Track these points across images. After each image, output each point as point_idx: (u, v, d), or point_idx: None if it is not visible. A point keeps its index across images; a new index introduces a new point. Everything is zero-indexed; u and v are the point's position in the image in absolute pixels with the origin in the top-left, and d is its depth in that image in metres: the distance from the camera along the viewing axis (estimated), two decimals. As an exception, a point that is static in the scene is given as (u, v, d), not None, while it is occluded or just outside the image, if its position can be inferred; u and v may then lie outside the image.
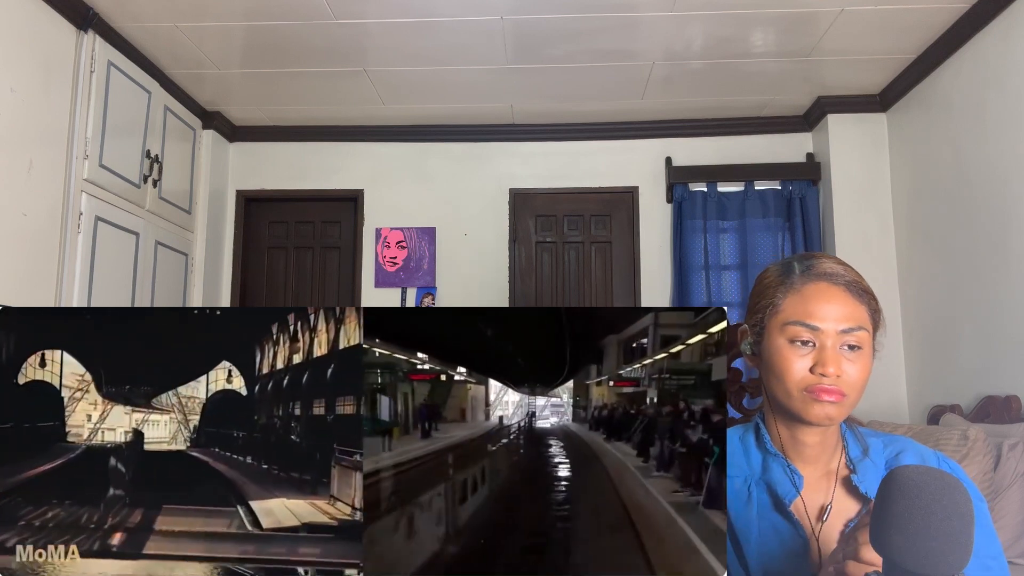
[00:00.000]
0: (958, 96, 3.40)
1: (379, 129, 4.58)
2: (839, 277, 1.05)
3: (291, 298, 4.61)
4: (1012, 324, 2.99)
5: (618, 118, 4.46)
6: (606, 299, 4.48)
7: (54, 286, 3.11)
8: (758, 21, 3.31)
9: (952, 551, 0.77)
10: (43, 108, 3.04)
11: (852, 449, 1.10)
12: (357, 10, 3.23)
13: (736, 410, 1.31)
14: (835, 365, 1.01)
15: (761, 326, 1.08)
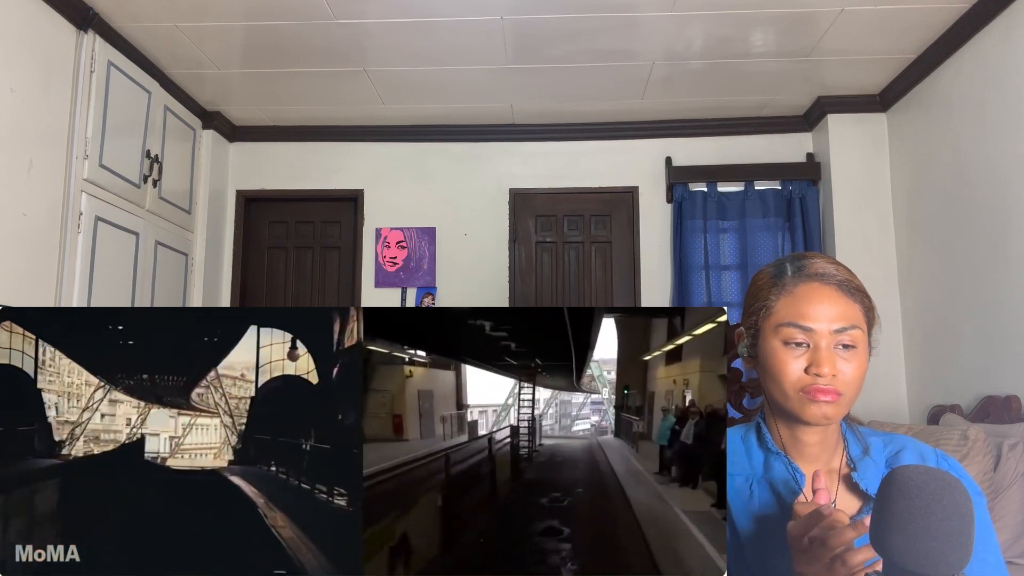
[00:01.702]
0: (958, 96, 3.40)
1: (379, 129, 4.58)
2: (830, 277, 1.05)
3: (291, 298, 4.61)
4: (1012, 324, 2.99)
5: (618, 118, 4.46)
6: (606, 299, 4.48)
7: (54, 286, 3.10)
8: (758, 21, 3.31)
9: (952, 551, 0.77)
10: (43, 108, 3.04)
11: (852, 448, 1.10)
12: (357, 10, 3.23)
13: (736, 410, 1.31)
14: (830, 365, 1.01)
15: (756, 328, 1.08)
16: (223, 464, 0.99)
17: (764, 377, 1.08)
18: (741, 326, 1.13)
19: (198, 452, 1.01)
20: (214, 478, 0.99)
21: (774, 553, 1.02)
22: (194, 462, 1.01)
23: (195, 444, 1.02)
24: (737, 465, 1.11)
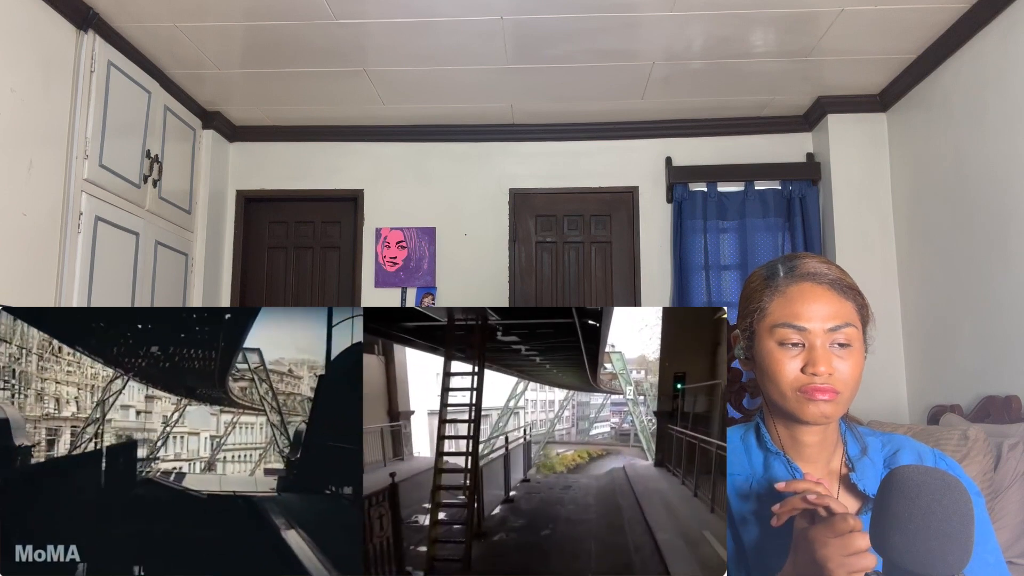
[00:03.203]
0: (958, 96, 3.40)
1: (379, 129, 4.58)
2: (822, 276, 1.05)
3: (291, 298, 4.61)
4: (1012, 324, 2.99)
5: (618, 118, 4.46)
6: (606, 299, 4.48)
7: (54, 286, 3.10)
8: (758, 21, 3.31)
9: (951, 551, 0.77)
10: (43, 108, 3.04)
11: (851, 448, 1.11)
12: (357, 10, 3.23)
13: (736, 410, 1.31)
14: (825, 364, 1.01)
15: (751, 330, 1.08)
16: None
17: (761, 378, 1.08)
18: (736, 328, 1.13)
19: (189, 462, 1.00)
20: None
21: (774, 553, 1.02)
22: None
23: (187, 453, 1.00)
24: (737, 465, 1.11)
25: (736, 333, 1.13)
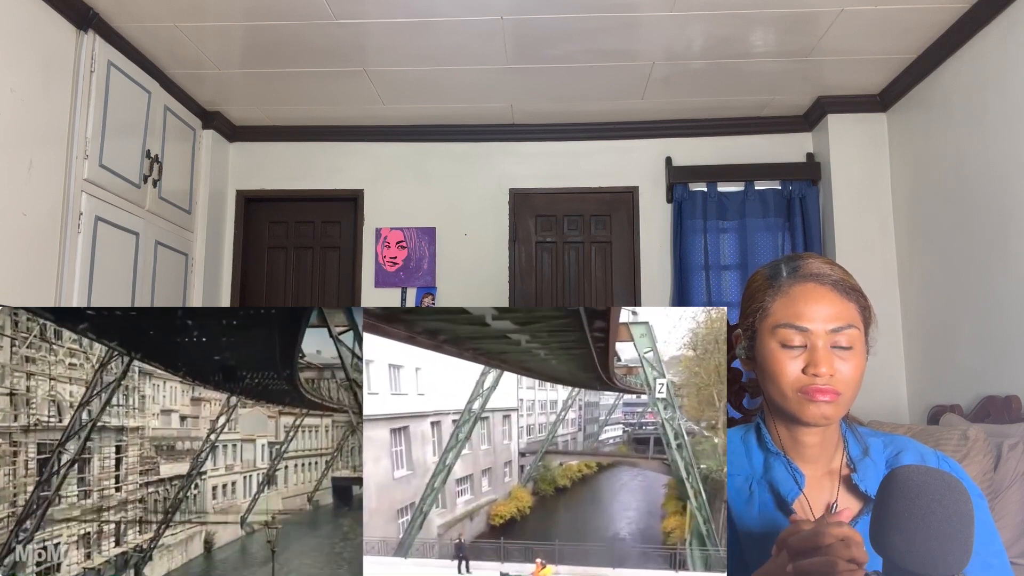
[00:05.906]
0: (958, 96, 3.40)
1: (379, 129, 4.58)
2: (825, 277, 1.05)
3: (291, 298, 4.61)
4: (1012, 324, 2.99)
5: (618, 118, 4.46)
6: (606, 299, 4.48)
7: (54, 286, 3.10)
8: (758, 21, 3.31)
9: (952, 551, 0.77)
10: (43, 108, 3.04)
11: (852, 449, 1.10)
12: (357, 10, 3.23)
13: (736, 410, 1.31)
14: (827, 365, 1.01)
15: (753, 330, 1.08)
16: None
17: (762, 378, 1.08)
18: (737, 328, 1.13)
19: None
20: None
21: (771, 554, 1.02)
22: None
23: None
24: (737, 465, 1.11)
25: (738, 333, 1.13)
